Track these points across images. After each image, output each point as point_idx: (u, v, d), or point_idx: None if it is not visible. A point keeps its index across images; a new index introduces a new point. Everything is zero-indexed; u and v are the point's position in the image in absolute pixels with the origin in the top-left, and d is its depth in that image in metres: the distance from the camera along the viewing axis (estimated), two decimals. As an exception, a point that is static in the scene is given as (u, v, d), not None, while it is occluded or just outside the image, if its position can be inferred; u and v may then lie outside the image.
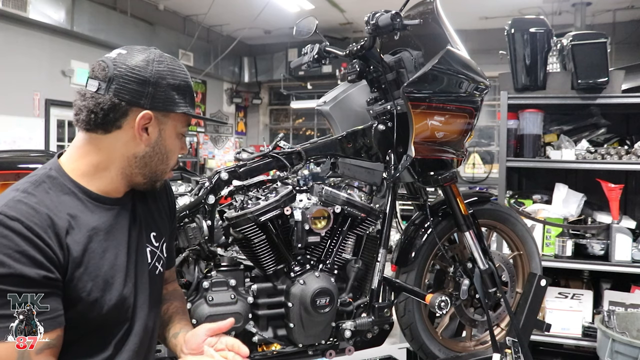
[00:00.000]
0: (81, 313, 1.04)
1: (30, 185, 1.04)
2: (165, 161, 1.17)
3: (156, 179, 1.19)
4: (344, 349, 1.79)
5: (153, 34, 7.65)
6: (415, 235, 1.98)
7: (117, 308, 1.09)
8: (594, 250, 2.82)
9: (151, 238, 1.23)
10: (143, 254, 1.19)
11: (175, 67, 1.14)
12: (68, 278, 1.02)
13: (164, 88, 1.10)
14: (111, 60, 1.08)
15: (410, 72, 1.82)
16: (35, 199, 1.02)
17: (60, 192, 1.06)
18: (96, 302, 1.06)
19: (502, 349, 1.95)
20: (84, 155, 1.10)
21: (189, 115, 1.17)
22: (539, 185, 3.23)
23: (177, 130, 1.17)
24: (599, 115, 2.99)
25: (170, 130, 1.15)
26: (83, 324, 1.06)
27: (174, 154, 1.19)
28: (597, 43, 2.74)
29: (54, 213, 1.02)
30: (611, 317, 2.54)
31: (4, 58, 5.79)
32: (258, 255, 1.64)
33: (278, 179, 1.75)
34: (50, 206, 1.02)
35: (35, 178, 1.06)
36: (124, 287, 1.11)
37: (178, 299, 1.40)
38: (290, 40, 9.07)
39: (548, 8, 7.14)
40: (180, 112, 1.14)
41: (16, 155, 3.04)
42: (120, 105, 1.07)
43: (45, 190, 1.05)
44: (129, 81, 1.07)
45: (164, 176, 1.21)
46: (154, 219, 1.25)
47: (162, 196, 1.32)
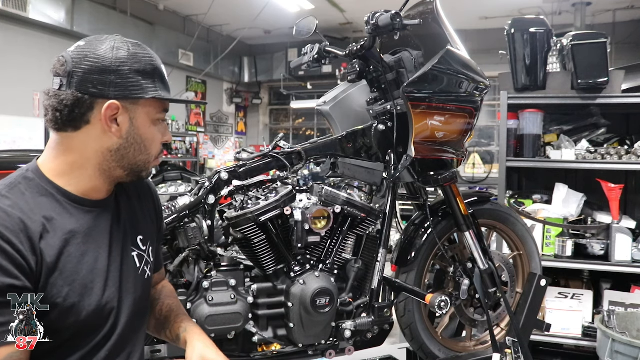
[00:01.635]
0: (58, 319, 1.01)
1: (5, 188, 1.01)
2: (144, 151, 1.11)
3: (139, 169, 1.13)
4: (344, 349, 1.79)
5: (153, 34, 7.65)
6: (415, 235, 1.98)
7: (97, 313, 1.06)
8: (594, 250, 2.82)
9: (137, 241, 1.19)
10: (128, 258, 1.15)
11: (138, 52, 1.07)
12: (42, 284, 0.98)
13: (128, 74, 1.04)
14: (69, 54, 1.04)
15: (410, 72, 1.82)
16: (9, 201, 0.98)
17: (37, 194, 1.02)
18: (73, 308, 1.02)
19: (502, 349, 1.95)
20: (59, 156, 1.06)
21: (160, 100, 1.10)
22: (539, 185, 3.23)
23: (150, 117, 1.10)
24: (599, 115, 2.99)
25: (143, 118, 1.08)
26: (62, 330, 1.02)
27: (153, 142, 1.12)
28: (597, 43, 2.74)
29: (28, 216, 0.98)
30: (611, 317, 2.54)
31: (4, 58, 5.79)
32: (258, 255, 1.64)
33: (278, 179, 1.75)
34: (25, 209, 0.99)
35: (11, 180, 1.03)
36: (105, 291, 1.07)
37: (169, 296, 1.36)
38: (290, 40, 9.06)
39: (548, 8, 7.14)
40: (149, 98, 1.07)
41: (16, 155, 3.04)
42: (84, 99, 1.02)
43: (21, 192, 1.01)
44: (89, 73, 1.02)
45: (149, 166, 1.14)
46: (139, 222, 1.22)
47: (148, 199, 1.28)
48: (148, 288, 1.24)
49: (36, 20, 5.94)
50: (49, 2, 6.06)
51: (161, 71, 1.11)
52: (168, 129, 1.18)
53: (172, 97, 1.15)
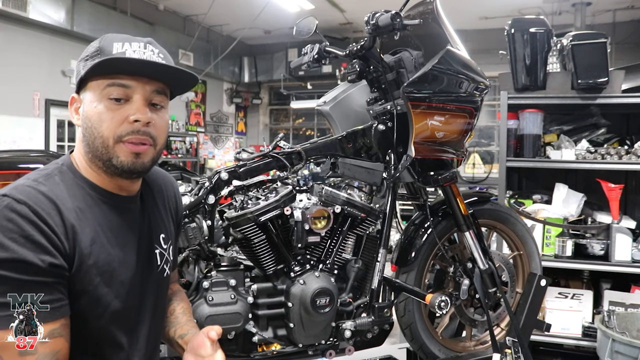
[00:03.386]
0: (86, 307, 1.02)
1: (42, 177, 1.04)
2: (96, 133, 1.04)
3: (105, 157, 1.05)
4: (344, 349, 1.79)
5: (153, 34, 7.65)
6: (415, 235, 1.98)
7: (123, 307, 1.08)
8: (594, 250, 2.82)
9: (160, 240, 1.21)
10: (152, 256, 1.18)
11: (95, 42, 1.11)
12: (75, 269, 0.99)
13: (77, 66, 1.10)
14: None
15: (410, 72, 1.82)
16: (46, 187, 1.01)
17: (71, 186, 1.05)
18: (102, 298, 1.04)
19: (502, 349, 1.95)
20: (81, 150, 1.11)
21: (105, 74, 1.04)
22: (539, 185, 3.23)
23: (96, 94, 1.05)
24: (599, 115, 2.99)
25: (89, 99, 1.06)
26: (89, 320, 1.04)
27: (102, 121, 1.04)
28: (597, 43, 2.74)
29: (63, 203, 1.00)
30: (611, 317, 2.54)
31: (4, 58, 5.79)
32: (258, 255, 1.64)
33: (278, 179, 1.75)
34: (60, 196, 1.01)
35: (47, 172, 1.06)
36: (131, 287, 1.10)
37: (184, 299, 1.39)
38: (290, 40, 9.07)
39: (548, 8, 7.14)
40: (83, 75, 1.05)
41: (16, 156, 3.04)
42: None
43: (56, 182, 1.04)
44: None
45: (111, 151, 1.05)
46: (162, 220, 1.24)
47: (171, 198, 1.31)
48: (167, 286, 1.27)
49: (36, 20, 5.94)
50: (49, 2, 6.06)
51: (107, 48, 1.06)
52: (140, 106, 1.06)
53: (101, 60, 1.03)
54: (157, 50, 1.10)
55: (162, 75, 1.09)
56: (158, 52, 1.10)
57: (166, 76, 1.10)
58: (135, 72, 1.05)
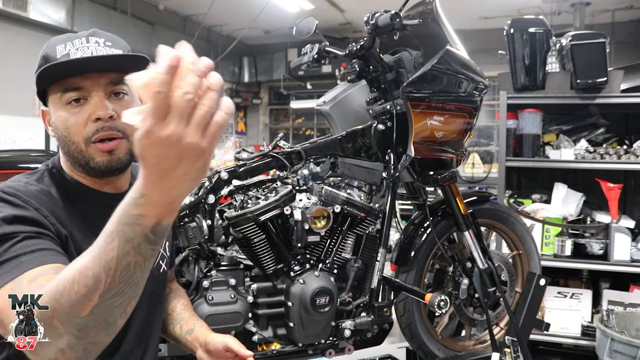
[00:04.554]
0: None
1: (32, 179, 1.05)
2: (68, 140, 1.04)
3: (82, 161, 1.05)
4: (344, 348, 1.80)
5: (153, 34, 7.66)
6: (414, 234, 1.98)
7: None
8: (593, 249, 2.82)
9: None
10: None
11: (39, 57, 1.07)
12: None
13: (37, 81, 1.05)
14: None
15: (409, 72, 1.82)
16: (36, 187, 1.02)
17: (60, 188, 1.06)
18: None
19: (501, 348, 1.95)
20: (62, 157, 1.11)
21: (55, 81, 1.03)
22: (538, 184, 3.24)
23: (56, 103, 1.04)
24: (598, 115, 3.00)
25: (53, 108, 1.05)
26: None
27: (69, 128, 1.03)
28: (596, 43, 2.74)
29: (54, 202, 1.01)
30: (610, 317, 2.54)
31: (4, 58, 5.79)
32: (258, 254, 1.64)
33: (278, 178, 1.76)
34: (52, 195, 1.02)
35: (38, 175, 1.07)
36: None
37: (183, 296, 1.40)
38: (290, 40, 9.07)
39: (547, 8, 7.14)
40: (39, 84, 1.04)
41: (16, 155, 3.04)
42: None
43: (47, 184, 1.05)
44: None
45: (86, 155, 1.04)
46: None
47: None
48: (164, 283, 1.27)
49: (36, 21, 5.94)
50: (49, 2, 6.07)
51: (49, 54, 1.04)
52: (98, 103, 1.03)
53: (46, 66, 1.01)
54: (102, 40, 1.07)
55: (112, 64, 1.05)
56: (104, 41, 1.07)
57: (117, 64, 1.05)
58: (83, 70, 1.02)
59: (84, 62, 1.02)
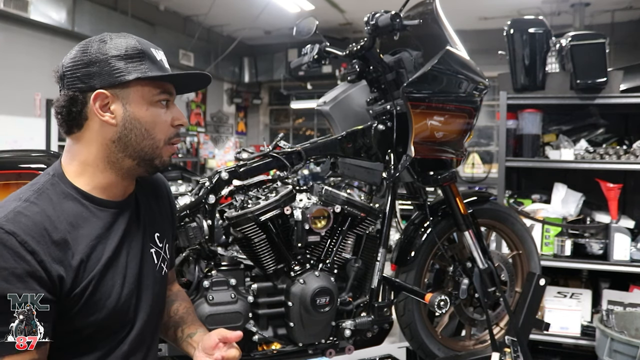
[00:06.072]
0: (80, 316, 1.04)
1: (33, 194, 1.03)
2: (147, 135, 1.09)
3: (148, 157, 1.11)
4: (344, 348, 1.80)
5: (153, 34, 7.66)
6: (414, 234, 1.98)
7: (117, 310, 1.09)
8: (593, 249, 2.83)
9: (155, 239, 1.22)
10: (147, 255, 1.18)
11: (118, 39, 1.07)
12: (67, 289, 1.00)
13: (109, 61, 1.05)
14: (61, 61, 1.09)
15: (409, 72, 1.82)
16: (37, 208, 1.00)
17: (63, 199, 1.05)
18: (95, 306, 1.05)
19: (501, 348, 1.96)
20: (74, 157, 1.09)
21: (154, 80, 1.08)
22: (538, 185, 3.24)
23: (146, 99, 1.08)
24: (597, 115, 3.00)
25: (137, 101, 1.07)
26: (83, 328, 1.05)
27: (156, 124, 1.10)
28: (596, 43, 2.75)
29: (54, 225, 1.00)
30: (610, 316, 2.55)
31: (5, 58, 5.79)
32: (258, 254, 1.64)
33: (278, 178, 1.76)
34: (52, 216, 1.01)
35: (39, 186, 1.05)
36: (123, 289, 1.10)
37: (185, 299, 1.40)
38: (290, 41, 9.06)
39: (547, 8, 7.14)
40: (133, 79, 1.05)
41: (17, 155, 3.03)
42: (76, 95, 1.06)
43: (49, 197, 1.03)
44: (75, 71, 1.05)
45: (159, 152, 1.12)
46: (156, 220, 1.25)
47: (164, 197, 1.31)
48: (165, 285, 1.27)
49: (37, 21, 5.94)
50: (50, 2, 6.07)
51: (150, 53, 1.09)
52: (181, 112, 1.15)
53: (163, 74, 1.09)
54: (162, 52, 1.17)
55: (186, 79, 1.17)
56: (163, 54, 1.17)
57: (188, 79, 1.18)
58: (173, 81, 1.13)
59: (183, 77, 1.13)
